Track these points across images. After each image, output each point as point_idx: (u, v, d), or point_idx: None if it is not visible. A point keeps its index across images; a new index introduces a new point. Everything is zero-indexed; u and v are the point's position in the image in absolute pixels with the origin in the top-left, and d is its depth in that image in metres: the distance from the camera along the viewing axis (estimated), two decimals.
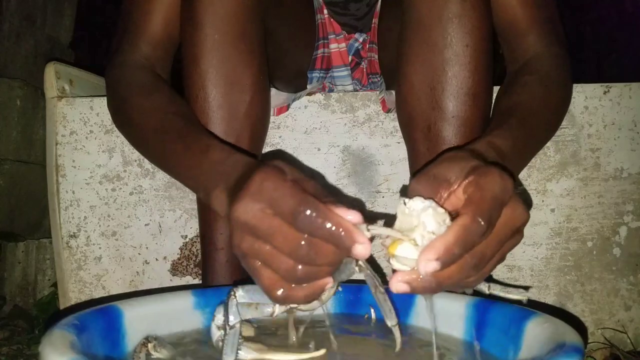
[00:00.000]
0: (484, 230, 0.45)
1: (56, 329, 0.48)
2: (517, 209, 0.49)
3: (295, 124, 0.92)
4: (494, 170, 0.49)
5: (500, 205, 0.48)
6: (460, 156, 0.55)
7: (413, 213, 0.47)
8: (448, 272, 0.45)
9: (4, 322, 1.15)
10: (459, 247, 0.44)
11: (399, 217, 0.48)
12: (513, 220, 0.49)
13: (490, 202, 0.47)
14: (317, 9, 0.98)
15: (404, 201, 0.47)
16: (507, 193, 0.48)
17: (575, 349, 0.45)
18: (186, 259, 0.94)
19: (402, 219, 0.47)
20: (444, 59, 0.68)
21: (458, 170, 0.51)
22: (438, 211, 0.46)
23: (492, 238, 0.47)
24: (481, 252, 0.47)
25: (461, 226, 0.45)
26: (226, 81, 0.71)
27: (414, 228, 0.46)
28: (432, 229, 0.46)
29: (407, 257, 0.46)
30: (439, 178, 0.52)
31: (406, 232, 0.46)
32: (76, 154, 0.94)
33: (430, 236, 0.45)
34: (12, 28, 1.35)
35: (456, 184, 0.50)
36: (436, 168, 0.53)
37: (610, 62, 1.78)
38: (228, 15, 0.70)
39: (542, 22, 0.75)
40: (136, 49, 0.76)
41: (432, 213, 0.46)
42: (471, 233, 0.45)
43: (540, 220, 0.90)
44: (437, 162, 0.55)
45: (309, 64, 0.97)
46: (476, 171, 0.50)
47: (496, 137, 0.62)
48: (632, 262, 0.90)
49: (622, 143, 0.90)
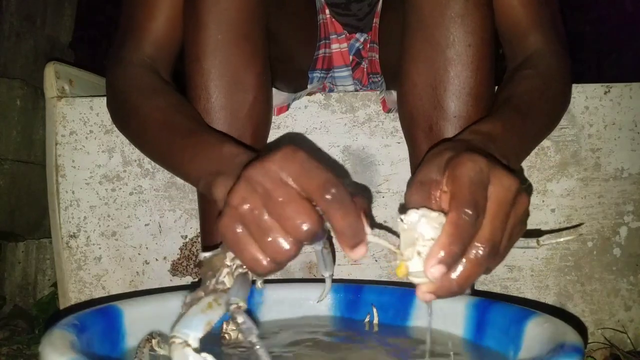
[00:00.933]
0: (473, 218, 0.45)
1: (56, 329, 0.48)
2: (503, 181, 0.48)
3: (295, 124, 0.92)
4: (463, 157, 0.49)
5: (481, 187, 0.47)
6: (436, 152, 0.55)
7: (412, 226, 0.48)
8: (465, 271, 0.46)
9: (4, 322, 1.15)
10: (456, 243, 0.45)
11: (401, 235, 0.49)
12: (503, 192, 0.48)
13: (468, 188, 0.47)
14: (318, 9, 0.98)
15: (401, 218, 0.48)
16: (482, 173, 0.48)
17: (575, 349, 0.45)
18: (186, 259, 0.94)
19: (404, 235, 0.48)
20: (446, 58, 0.68)
21: (437, 168, 0.52)
22: (431, 216, 0.47)
23: (491, 219, 0.47)
24: (487, 238, 0.46)
25: (450, 223, 0.45)
26: (229, 81, 0.71)
27: (415, 241, 0.47)
28: (431, 235, 0.47)
29: (420, 271, 0.47)
30: (425, 181, 0.52)
31: (410, 245, 0.47)
32: (76, 154, 0.94)
33: (431, 243, 0.46)
34: (12, 28, 1.35)
35: (441, 182, 0.51)
36: (421, 172, 0.54)
37: (610, 62, 1.78)
38: (231, 16, 0.70)
39: (544, 21, 0.75)
40: (139, 49, 0.76)
41: (426, 221, 0.47)
42: (462, 226, 0.45)
43: (540, 221, 0.90)
44: (421, 165, 0.56)
45: (310, 64, 0.97)
46: (449, 164, 0.50)
47: (483, 124, 0.63)
48: (632, 262, 0.90)
49: (623, 143, 0.90)
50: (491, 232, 0.47)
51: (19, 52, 1.37)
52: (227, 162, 0.57)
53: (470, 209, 0.45)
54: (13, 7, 1.35)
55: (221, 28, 0.70)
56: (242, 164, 0.53)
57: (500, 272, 0.90)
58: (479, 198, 0.47)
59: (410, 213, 0.48)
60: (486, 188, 0.48)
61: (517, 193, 0.49)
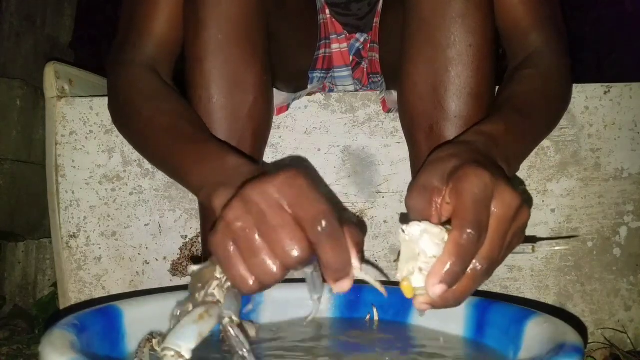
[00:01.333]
0: (476, 238, 0.46)
1: (56, 329, 0.48)
2: (505, 197, 0.49)
3: (296, 124, 0.92)
4: (467, 170, 0.50)
5: (484, 205, 0.48)
6: (440, 157, 0.56)
7: (413, 239, 0.48)
8: (463, 287, 0.48)
9: (4, 322, 1.15)
10: (458, 264, 0.46)
11: (402, 245, 0.49)
12: (505, 209, 0.49)
13: (472, 207, 0.47)
14: (319, 9, 0.98)
15: (402, 229, 0.49)
16: (486, 189, 0.48)
17: (575, 349, 0.45)
18: (186, 259, 0.94)
19: (405, 246, 0.49)
20: (447, 58, 0.68)
21: (440, 175, 0.53)
22: (433, 232, 0.48)
23: (492, 237, 0.48)
24: (486, 255, 0.47)
25: (454, 243, 0.46)
26: (230, 81, 0.71)
27: (417, 255, 0.48)
28: (433, 253, 0.48)
29: (420, 287, 0.48)
30: (427, 187, 0.53)
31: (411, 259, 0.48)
32: (76, 154, 0.94)
33: (432, 260, 0.47)
34: (12, 28, 1.35)
35: (443, 190, 0.52)
36: (423, 176, 0.54)
37: (610, 62, 1.78)
38: (232, 16, 0.70)
39: (544, 20, 0.74)
40: (140, 49, 0.75)
41: (428, 237, 0.48)
42: (465, 246, 0.46)
43: (540, 221, 0.90)
44: (423, 168, 0.56)
45: (310, 64, 0.97)
46: (453, 176, 0.50)
47: (486, 124, 0.63)
48: (632, 262, 0.90)
49: (623, 143, 0.90)
50: (491, 249, 0.48)
51: (19, 52, 1.37)
52: (229, 173, 0.57)
53: (474, 229, 0.46)
54: (13, 7, 1.35)
55: (222, 28, 0.70)
56: (244, 175, 0.53)
57: (500, 272, 0.90)
58: (483, 218, 0.47)
59: (412, 225, 0.49)
60: (490, 206, 0.48)
61: (519, 209, 0.50)
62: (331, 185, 0.92)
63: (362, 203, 0.92)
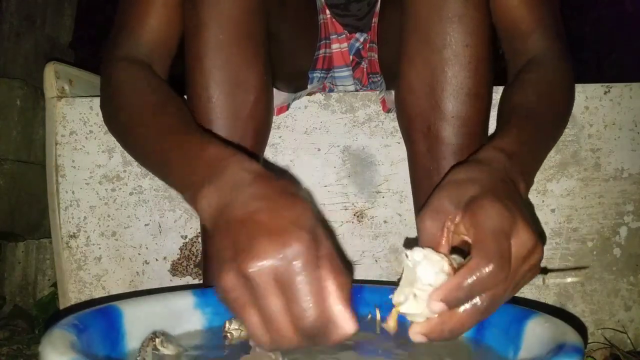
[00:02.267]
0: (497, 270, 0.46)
1: (56, 329, 0.48)
2: (521, 235, 0.49)
3: (295, 124, 0.92)
4: (486, 202, 0.49)
5: (505, 237, 0.48)
6: (458, 181, 0.55)
7: (415, 264, 0.49)
8: (462, 319, 0.47)
9: (4, 322, 1.15)
10: (466, 290, 0.46)
11: (404, 270, 0.50)
12: (520, 248, 0.49)
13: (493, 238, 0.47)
14: (319, 10, 0.98)
15: (406, 254, 0.49)
16: (504, 226, 0.48)
17: (575, 349, 0.45)
18: (186, 259, 0.94)
19: (407, 271, 0.49)
20: (443, 58, 0.68)
21: (456, 200, 0.52)
22: (433, 260, 0.48)
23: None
24: (494, 293, 0.47)
25: (470, 269, 0.46)
26: (230, 81, 0.71)
27: (414, 281, 0.48)
28: (429, 281, 0.48)
29: (415, 313, 0.49)
30: (441, 211, 0.53)
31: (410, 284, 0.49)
32: (76, 154, 0.94)
33: (428, 288, 0.47)
34: (12, 28, 1.35)
35: (458, 216, 0.51)
36: (437, 199, 0.54)
37: (610, 62, 1.78)
38: (232, 15, 0.70)
39: (546, 21, 0.74)
40: (134, 45, 0.74)
41: (427, 263, 0.48)
42: (479, 276, 0.46)
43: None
44: (438, 190, 0.55)
45: (310, 64, 0.97)
46: (471, 206, 0.50)
47: (502, 140, 0.62)
48: (633, 262, 0.90)
49: (623, 143, 0.90)
50: (501, 289, 0.48)
51: (19, 52, 1.37)
52: (211, 168, 0.53)
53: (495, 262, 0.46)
54: (13, 7, 1.35)
55: (222, 28, 0.70)
56: (227, 169, 0.51)
57: None
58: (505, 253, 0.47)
59: (415, 251, 0.49)
60: (509, 240, 0.48)
61: (533, 248, 0.50)
62: (331, 185, 0.92)
63: (362, 203, 0.92)
